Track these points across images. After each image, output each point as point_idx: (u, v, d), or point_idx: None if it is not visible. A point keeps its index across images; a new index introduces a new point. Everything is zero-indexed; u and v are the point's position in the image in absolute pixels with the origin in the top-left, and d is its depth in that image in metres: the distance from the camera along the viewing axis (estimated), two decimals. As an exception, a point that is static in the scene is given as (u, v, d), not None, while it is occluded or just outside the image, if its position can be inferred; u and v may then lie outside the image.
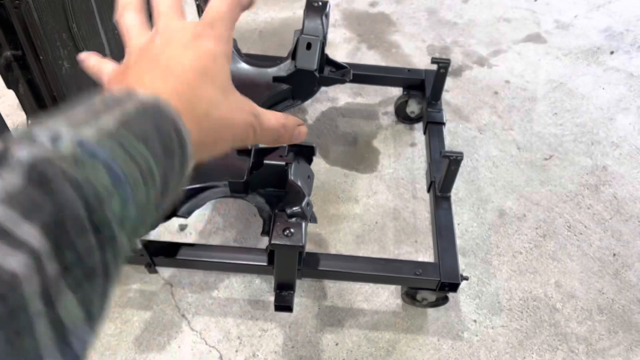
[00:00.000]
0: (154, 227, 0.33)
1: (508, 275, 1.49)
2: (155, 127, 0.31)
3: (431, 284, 1.28)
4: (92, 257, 0.26)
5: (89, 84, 1.18)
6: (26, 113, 1.08)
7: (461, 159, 1.31)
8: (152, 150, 0.30)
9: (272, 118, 0.45)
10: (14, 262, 0.22)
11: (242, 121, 0.41)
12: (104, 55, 1.23)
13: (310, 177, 1.30)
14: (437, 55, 2.10)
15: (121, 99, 0.32)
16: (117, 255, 0.28)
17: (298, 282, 1.38)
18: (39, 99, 1.06)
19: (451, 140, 1.80)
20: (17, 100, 1.05)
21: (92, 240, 0.26)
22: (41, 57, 0.98)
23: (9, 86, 1.01)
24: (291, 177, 1.23)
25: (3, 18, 0.93)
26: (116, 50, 1.30)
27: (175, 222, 1.52)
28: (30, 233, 0.23)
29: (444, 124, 1.61)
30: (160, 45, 0.39)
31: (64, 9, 1.04)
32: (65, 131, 0.27)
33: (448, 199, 1.41)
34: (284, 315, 1.38)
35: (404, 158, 1.75)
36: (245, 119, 0.42)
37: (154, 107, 0.32)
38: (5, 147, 0.25)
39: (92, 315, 0.26)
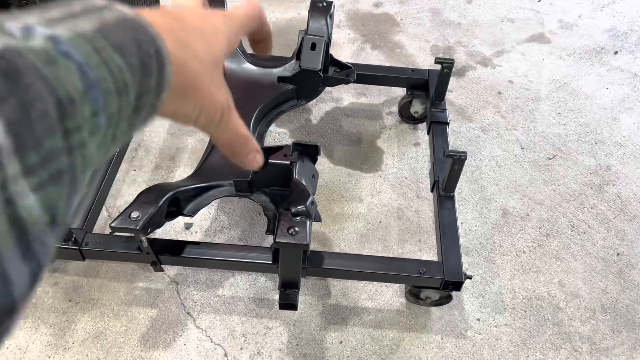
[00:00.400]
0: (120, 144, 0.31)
1: (511, 274, 1.50)
2: (133, 40, 0.29)
3: (435, 282, 1.28)
4: (58, 160, 0.24)
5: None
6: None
7: (465, 159, 1.32)
8: (128, 63, 0.29)
9: (240, 123, 0.44)
10: None
11: (218, 96, 0.39)
12: None
13: (314, 176, 1.31)
14: (440, 55, 2.10)
15: (101, 8, 0.30)
16: (86, 163, 0.26)
17: (302, 281, 1.39)
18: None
19: (455, 140, 1.81)
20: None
21: (60, 142, 0.24)
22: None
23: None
24: (296, 176, 1.24)
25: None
26: None
27: (181, 220, 1.53)
28: None
29: (447, 123, 1.61)
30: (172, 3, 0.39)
31: None
32: (39, 26, 0.25)
33: (452, 198, 1.41)
34: (288, 313, 1.39)
35: (407, 158, 1.76)
36: (220, 98, 0.40)
37: (134, 22, 0.31)
38: None
39: (56, 220, 0.24)
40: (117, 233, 1.19)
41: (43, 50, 0.24)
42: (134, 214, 1.14)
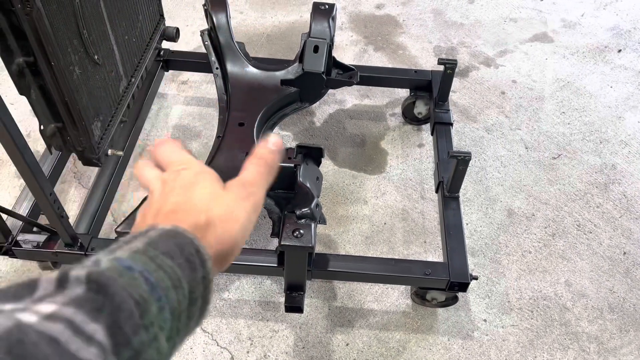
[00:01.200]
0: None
1: (518, 275, 1.49)
2: (177, 246, 0.37)
3: (441, 283, 1.28)
4: (145, 353, 0.30)
5: (99, 89, 1.20)
6: (38, 119, 1.09)
7: (469, 159, 1.31)
8: (177, 263, 0.36)
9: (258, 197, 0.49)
10: (88, 354, 0.27)
11: (247, 219, 0.45)
12: (114, 58, 1.25)
13: (319, 178, 1.31)
14: (443, 56, 2.10)
15: (146, 231, 0.38)
16: (160, 357, 0.32)
17: (308, 283, 1.39)
18: (51, 104, 1.07)
19: (459, 140, 1.81)
20: (29, 107, 1.06)
21: (145, 337, 0.30)
22: (53, 63, 0.99)
23: (21, 92, 1.03)
24: (300, 178, 1.24)
25: (15, 25, 0.94)
26: (126, 54, 1.32)
27: (186, 224, 1.54)
28: (97, 331, 0.28)
29: (451, 124, 1.61)
30: (177, 190, 0.44)
31: (75, 15, 1.05)
32: (103, 256, 0.34)
33: (457, 199, 1.41)
34: (294, 316, 1.38)
35: (412, 159, 1.75)
36: (249, 217, 0.46)
37: (174, 232, 0.38)
38: (64, 272, 0.31)
39: None
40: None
41: (112, 267, 0.32)
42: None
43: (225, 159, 1.45)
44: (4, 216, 1.25)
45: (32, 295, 0.30)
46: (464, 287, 1.28)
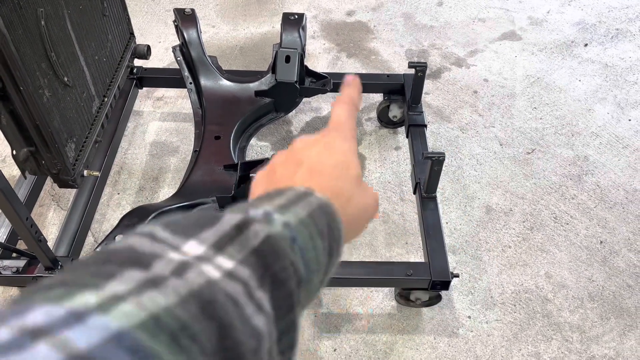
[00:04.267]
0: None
1: (499, 270, 1.51)
2: (328, 226, 0.37)
3: (423, 283, 1.29)
4: (292, 333, 0.31)
5: (71, 110, 1.19)
6: (10, 144, 1.09)
7: (443, 159, 1.34)
8: (324, 246, 0.36)
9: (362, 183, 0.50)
10: (260, 321, 0.27)
11: (371, 206, 0.47)
12: (85, 79, 1.25)
13: (296, 187, 1.32)
14: (415, 59, 2.13)
15: (307, 194, 0.38)
16: (296, 333, 0.33)
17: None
18: (22, 129, 1.07)
19: (434, 141, 1.83)
20: (0, 132, 1.06)
21: (294, 316, 0.31)
22: (22, 88, 0.99)
23: (-9, 118, 1.02)
24: (277, 188, 1.25)
25: (-18, 52, 0.94)
26: (97, 74, 1.32)
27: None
28: (264, 298, 0.28)
29: (425, 125, 1.63)
30: (301, 150, 0.45)
31: (42, 39, 1.06)
32: (275, 212, 0.33)
33: (434, 199, 1.43)
34: (280, 325, 1.39)
35: (389, 162, 1.77)
36: (373, 204, 0.47)
37: (328, 208, 0.38)
38: (245, 217, 0.31)
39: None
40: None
41: (284, 235, 0.32)
42: (119, 238, 1.14)
43: (203, 173, 1.45)
44: (-18, 243, 1.24)
45: (213, 231, 0.29)
46: (445, 285, 1.29)
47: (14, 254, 1.31)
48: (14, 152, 1.09)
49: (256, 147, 1.81)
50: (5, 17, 0.92)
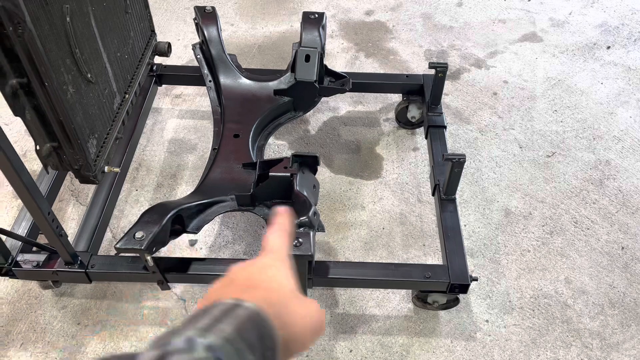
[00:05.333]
0: None
1: (517, 274, 1.50)
2: (259, 337, 0.38)
3: (441, 286, 1.28)
4: None
5: (93, 107, 1.20)
6: (34, 139, 1.10)
7: (464, 161, 1.32)
8: (257, 358, 0.37)
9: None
10: None
11: (315, 317, 0.47)
12: (107, 76, 1.25)
13: (315, 186, 1.31)
14: (434, 59, 2.12)
15: (234, 306, 0.39)
16: None
17: (309, 291, 1.39)
18: (46, 124, 1.08)
19: (453, 142, 1.82)
20: (24, 127, 1.07)
21: None
22: (46, 84, 1.00)
23: (16, 113, 1.03)
24: (297, 187, 1.25)
25: (7, 47, 0.95)
26: (119, 71, 1.33)
27: (185, 238, 1.54)
28: None
29: (445, 127, 1.62)
30: (236, 271, 0.47)
31: (67, 35, 1.06)
32: (196, 337, 0.34)
33: (453, 201, 1.42)
34: (296, 325, 1.38)
35: (407, 163, 1.76)
36: (317, 315, 0.47)
37: (257, 316, 0.39)
38: (164, 352, 0.33)
39: None
40: (122, 254, 1.20)
41: (208, 358, 0.33)
42: (138, 234, 1.14)
43: (222, 171, 1.45)
44: (3, 237, 1.25)
45: None
46: (464, 288, 1.28)
47: (35, 248, 1.33)
48: (37, 147, 1.10)
49: (273, 146, 1.81)
50: (32, 13, 0.93)
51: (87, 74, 1.15)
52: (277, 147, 1.82)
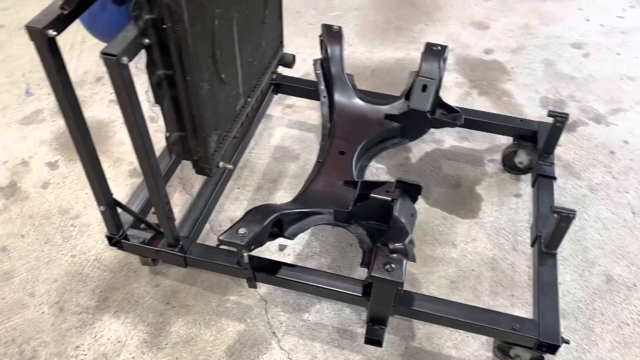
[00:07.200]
0: None
1: (611, 346, 1.40)
2: None
3: (529, 341, 1.23)
4: None
5: (221, 105, 1.28)
6: (166, 126, 1.19)
7: (573, 217, 1.27)
8: None
9: None
10: None
11: None
12: (237, 78, 1.33)
13: (413, 215, 1.31)
14: (550, 107, 2.05)
15: None
16: None
17: (389, 318, 1.38)
18: (179, 115, 1.17)
19: (559, 196, 1.74)
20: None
21: None
22: (188, 78, 1.09)
23: (156, 101, 1.13)
24: (396, 213, 1.26)
25: (162, 41, 1.04)
26: (247, 76, 1.41)
27: (277, 241, 1.59)
28: None
29: (555, 178, 1.56)
30: None
31: (212, 37, 1.15)
32: None
33: (554, 256, 1.36)
34: (370, 348, 1.38)
35: (507, 208, 1.71)
36: None
37: None
38: None
39: None
40: (222, 246, 1.26)
41: None
42: (242, 230, 1.20)
43: (324, 184, 1.49)
44: (119, 210, 1.36)
45: None
46: (553, 349, 1.22)
47: (143, 225, 1.43)
48: (168, 134, 1.19)
49: (372, 168, 1.83)
50: (190, 13, 1.01)
51: (221, 75, 1.23)
52: (376, 169, 1.83)
